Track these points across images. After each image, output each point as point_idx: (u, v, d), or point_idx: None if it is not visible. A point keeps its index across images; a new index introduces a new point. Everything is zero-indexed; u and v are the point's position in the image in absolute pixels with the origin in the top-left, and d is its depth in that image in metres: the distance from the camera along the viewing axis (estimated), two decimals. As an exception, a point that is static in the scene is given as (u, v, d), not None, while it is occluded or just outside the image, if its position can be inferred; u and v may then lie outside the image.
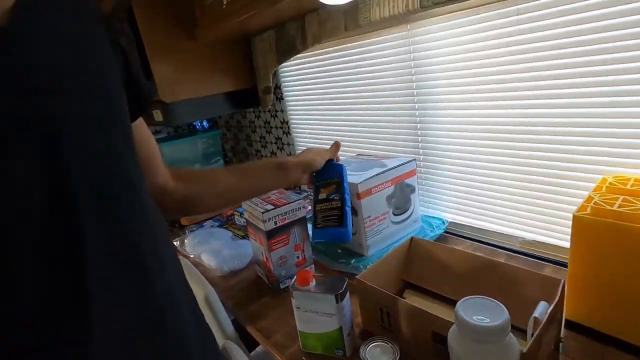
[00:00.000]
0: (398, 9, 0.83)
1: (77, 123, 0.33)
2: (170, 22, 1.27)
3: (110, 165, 0.36)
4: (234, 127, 1.92)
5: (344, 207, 0.74)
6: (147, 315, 0.38)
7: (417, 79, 0.95)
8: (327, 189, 0.77)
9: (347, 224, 0.72)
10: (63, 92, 0.33)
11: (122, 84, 0.42)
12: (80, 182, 0.32)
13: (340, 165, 0.81)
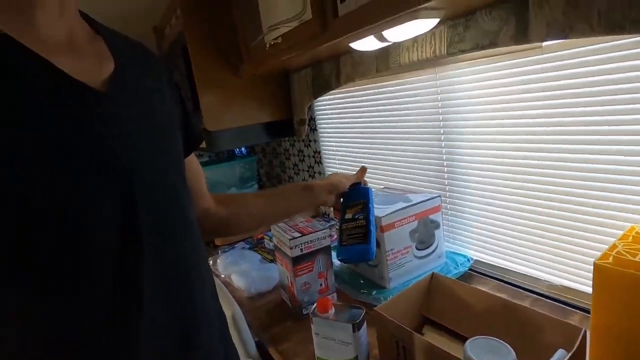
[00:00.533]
0: (426, 54, 0.89)
1: (146, 166, 0.41)
2: (218, 59, 1.41)
3: (168, 197, 0.44)
4: (270, 153, 2.03)
5: (368, 225, 0.75)
6: (184, 330, 0.44)
7: (444, 118, 0.99)
8: (353, 209, 0.80)
9: (370, 241, 0.73)
10: (141, 143, 0.41)
11: (180, 127, 0.51)
12: (145, 212, 0.40)
13: (367, 188, 0.85)
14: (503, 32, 0.73)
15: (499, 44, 0.74)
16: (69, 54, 0.38)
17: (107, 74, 0.40)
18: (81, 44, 0.40)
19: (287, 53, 1.09)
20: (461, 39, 0.81)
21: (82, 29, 0.42)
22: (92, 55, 0.41)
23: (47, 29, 0.36)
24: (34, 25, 0.36)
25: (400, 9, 0.69)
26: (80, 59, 0.39)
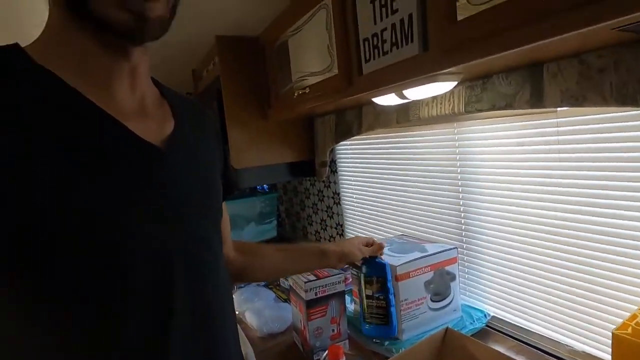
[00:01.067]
0: (445, 110, 0.94)
1: (193, 215, 0.47)
2: (248, 103, 1.51)
3: (206, 242, 0.49)
4: (290, 191, 2.08)
5: (389, 307, 0.87)
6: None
7: (462, 170, 1.01)
8: (373, 286, 0.88)
9: (392, 321, 0.87)
10: (192, 194, 0.47)
11: (220, 176, 0.57)
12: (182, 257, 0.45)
13: (384, 264, 0.88)
14: (519, 96, 0.77)
15: (514, 106, 0.78)
16: (139, 118, 0.45)
17: (168, 133, 0.47)
18: (150, 108, 0.47)
19: (313, 102, 1.16)
20: (478, 100, 0.85)
21: (151, 94, 0.49)
22: (157, 117, 0.48)
23: (122, 98, 0.43)
24: (112, 95, 0.42)
25: (419, 72, 0.74)
26: (147, 121, 0.45)
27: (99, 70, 0.41)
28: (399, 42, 0.76)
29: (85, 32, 0.39)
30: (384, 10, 0.78)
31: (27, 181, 0.34)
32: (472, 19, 0.61)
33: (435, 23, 0.67)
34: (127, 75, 0.44)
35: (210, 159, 0.55)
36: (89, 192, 0.37)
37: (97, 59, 0.41)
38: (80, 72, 0.40)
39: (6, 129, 0.34)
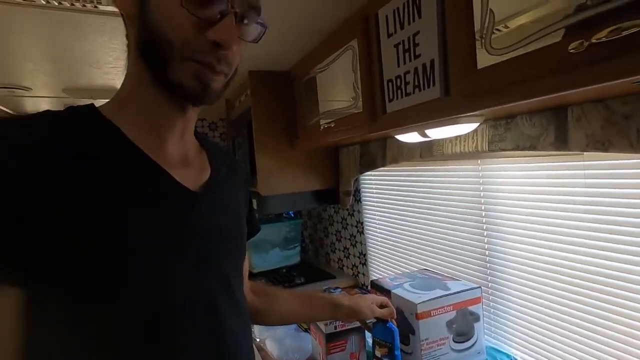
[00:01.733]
0: (468, 148, 0.94)
1: (222, 257, 0.51)
2: (277, 132, 1.58)
3: (232, 279, 0.53)
4: (315, 217, 2.11)
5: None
6: None
7: (486, 208, 1.00)
8: (382, 349, 0.86)
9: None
10: (222, 235, 0.52)
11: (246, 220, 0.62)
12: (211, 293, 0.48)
13: (393, 330, 0.86)
14: (543, 138, 0.77)
15: (539, 148, 0.78)
16: (182, 166, 0.50)
17: (204, 180, 0.53)
18: (191, 157, 0.53)
19: (338, 136, 1.20)
20: (502, 139, 0.85)
21: (193, 145, 0.56)
22: (196, 166, 0.54)
23: (171, 148, 0.49)
24: (164, 145, 0.49)
25: (440, 115, 0.76)
26: (188, 169, 0.51)
27: (159, 124, 0.48)
28: (421, 85, 0.79)
29: (155, 93, 0.46)
30: (407, 54, 0.82)
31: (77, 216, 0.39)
32: (492, 69, 0.63)
33: (456, 70, 0.70)
34: (180, 128, 0.50)
35: (239, 203, 0.61)
36: (132, 230, 0.42)
37: (159, 115, 0.48)
38: (142, 125, 0.47)
39: (74, 173, 0.40)
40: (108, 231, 0.40)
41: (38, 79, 1.42)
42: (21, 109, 1.93)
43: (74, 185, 0.39)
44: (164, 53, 0.42)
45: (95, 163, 0.42)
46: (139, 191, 0.44)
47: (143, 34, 0.43)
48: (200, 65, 0.43)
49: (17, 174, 0.37)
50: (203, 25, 0.42)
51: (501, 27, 0.63)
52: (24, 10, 0.83)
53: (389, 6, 0.86)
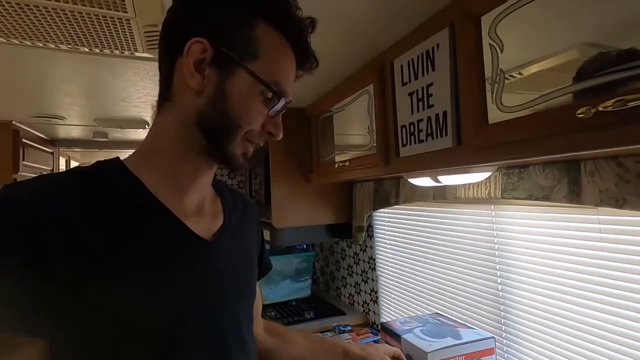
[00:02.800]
0: (481, 194, 0.95)
1: (234, 299, 0.54)
2: (292, 166, 1.62)
3: (241, 319, 0.55)
4: (327, 250, 2.10)
5: None
6: None
7: (500, 254, 0.99)
8: None
9: None
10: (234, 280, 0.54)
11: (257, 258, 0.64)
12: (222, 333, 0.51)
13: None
14: (556, 190, 0.77)
15: (552, 199, 0.78)
16: (197, 215, 0.54)
17: (218, 227, 0.56)
18: (206, 206, 0.57)
19: (352, 175, 1.23)
20: (515, 188, 0.86)
21: (208, 193, 0.59)
22: (210, 213, 0.57)
23: (189, 199, 0.53)
24: (183, 197, 0.52)
25: (453, 164, 0.78)
26: (202, 218, 0.54)
27: (184, 180, 0.52)
28: (434, 133, 0.81)
29: (190, 154, 0.51)
30: (421, 103, 0.85)
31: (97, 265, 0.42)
32: (503, 125, 0.65)
33: (468, 122, 0.72)
34: (202, 182, 0.54)
35: (250, 245, 0.63)
36: (149, 279, 0.45)
37: (188, 172, 0.52)
38: (165, 178, 0.50)
39: (98, 226, 0.43)
40: (126, 279, 0.43)
41: (73, 110, 1.52)
42: (54, 134, 2.05)
43: (97, 237, 0.42)
44: (232, 134, 0.49)
45: (118, 215, 0.45)
46: (157, 241, 0.47)
47: (213, 111, 0.48)
48: (251, 143, 0.51)
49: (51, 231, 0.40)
50: (266, 119, 0.51)
51: (515, 73, 0.66)
52: (68, 55, 0.92)
53: (404, 57, 0.90)
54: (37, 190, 0.42)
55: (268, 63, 0.49)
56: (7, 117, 1.60)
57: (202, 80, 0.47)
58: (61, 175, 0.47)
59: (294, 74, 0.54)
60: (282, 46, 0.51)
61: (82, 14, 0.68)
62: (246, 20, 0.48)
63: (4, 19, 0.68)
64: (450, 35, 0.75)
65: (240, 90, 0.48)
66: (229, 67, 0.47)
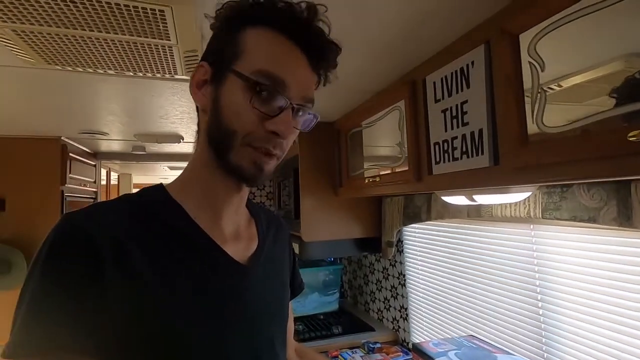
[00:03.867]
0: (520, 213, 0.91)
1: (268, 321, 0.54)
2: (322, 180, 1.62)
3: (275, 341, 0.55)
4: (355, 263, 2.08)
5: None
6: None
7: (540, 277, 0.94)
8: None
9: None
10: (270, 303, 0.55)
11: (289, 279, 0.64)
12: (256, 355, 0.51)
13: None
14: (604, 212, 0.73)
15: (599, 222, 0.73)
16: (233, 239, 0.55)
17: (253, 250, 0.57)
18: (242, 230, 0.58)
19: (383, 190, 1.22)
20: (557, 208, 0.82)
21: (244, 216, 0.60)
22: (246, 237, 0.58)
23: (226, 223, 0.54)
24: (220, 220, 0.53)
25: (489, 184, 0.76)
26: (238, 242, 0.56)
27: (217, 202, 0.53)
28: (469, 151, 0.79)
29: (217, 175, 0.51)
30: (455, 121, 0.84)
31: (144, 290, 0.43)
32: (544, 145, 0.62)
33: (506, 141, 0.70)
34: (235, 205, 0.55)
35: (284, 266, 0.64)
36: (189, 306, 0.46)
37: (218, 194, 0.53)
38: (202, 203, 0.52)
39: (144, 251, 0.45)
40: (172, 306, 0.45)
41: (115, 127, 1.62)
42: (97, 147, 2.17)
43: (145, 264, 0.44)
44: (229, 140, 0.47)
45: (163, 241, 0.47)
46: (197, 264, 0.48)
47: (213, 124, 0.49)
48: (257, 150, 0.48)
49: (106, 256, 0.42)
50: (264, 118, 0.47)
51: (554, 85, 0.63)
52: (114, 79, 0.98)
53: (437, 74, 0.89)
54: (93, 219, 0.45)
55: (252, 55, 0.47)
56: (57, 133, 1.72)
57: (203, 97, 0.50)
58: (112, 204, 0.50)
59: (304, 68, 0.49)
60: (273, 38, 0.47)
61: (129, 43, 0.72)
62: (235, 29, 0.49)
63: (61, 49, 0.74)
64: (485, 52, 0.74)
65: (229, 95, 0.47)
66: (221, 77, 0.48)
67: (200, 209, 0.51)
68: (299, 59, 0.49)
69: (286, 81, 0.47)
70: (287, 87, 0.47)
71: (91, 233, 0.43)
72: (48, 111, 1.34)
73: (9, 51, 0.76)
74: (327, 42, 0.50)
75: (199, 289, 0.47)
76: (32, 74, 0.92)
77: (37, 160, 1.73)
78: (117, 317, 0.42)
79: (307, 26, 0.48)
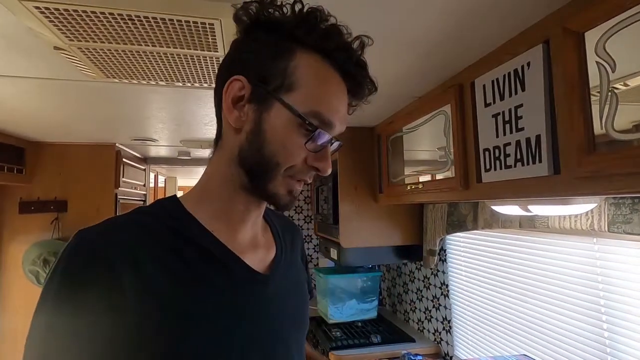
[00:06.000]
0: (582, 225, 0.84)
1: (288, 329, 0.53)
2: (361, 185, 1.60)
3: (293, 348, 0.54)
4: (394, 270, 2.03)
5: None
6: None
7: (605, 296, 0.85)
8: None
9: None
10: (287, 312, 0.54)
11: None
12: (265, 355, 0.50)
13: None
14: (685, 227, 0.65)
15: (680, 238, 0.65)
16: (252, 249, 0.54)
17: (271, 258, 0.56)
18: (259, 238, 0.57)
19: (426, 198, 1.18)
20: (627, 221, 0.74)
21: (261, 225, 0.59)
22: (263, 245, 0.57)
23: (243, 234, 0.53)
24: (237, 233, 0.52)
25: (548, 194, 0.70)
26: (257, 251, 0.55)
27: (235, 217, 0.52)
28: (524, 159, 0.74)
29: (238, 193, 0.51)
30: (508, 126, 0.78)
31: (161, 303, 0.43)
32: (615, 153, 0.56)
33: (569, 148, 0.64)
34: (252, 218, 0.54)
35: (301, 272, 0.63)
36: (210, 321, 0.45)
37: (238, 210, 0.52)
38: (218, 217, 0.51)
39: (159, 264, 0.44)
40: (190, 321, 0.44)
41: (163, 134, 1.70)
42: (146, 153, 2.30)
43: (162, 278, 0.44)
44: (271, 172, 0.47)
45: (180, 254, 0.46)
46: (216, 277, 0.47)
47: (251, 149, 0.47)
48: (295, 181, 0.48)
49: (122, 273, 0.41)
50: (308, 154, 0.47)
51: (620, 84, 0.57)
52: (164, 90, 1.03)
53: (487, 76, 0.84)
54: (107, 235, 0.44)
55: (306, 93, 0.46)
56: (112, 140, 1.85)
57: (240, 118, 0.47)
58: (125, 218, 0.49)
59: (345, 103, 0.49)
60: (325, 73, 0.47)
61: (179, 56, 0.76)
62: (283, 50, 0.46)
63: (119, 64, 0.79)
64: (544, 52, 0.69)
65: (276, 125, 0.46)
66: (266, 102, 0.46)
67: (216, 221, 0.50)
68: (344, 96, 0.49)
69: (333, 122, 0.47)
70: (333, 126, 0.47)
71: (107, 255, 0.42)
72: (105, 120, 1.44)
73: (73, 67, 0.82)
74: (369, 80, 0.50)
75: (218, 302, 0.46)
76: (92, 86, 0.99)
77: (95, 165, 1.86)
78: (137, 338, 0.41)
79: (357, 61, 0.48)
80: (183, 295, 0.44)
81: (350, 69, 0.48)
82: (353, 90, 0.50)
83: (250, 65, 0.48)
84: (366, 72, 0.49)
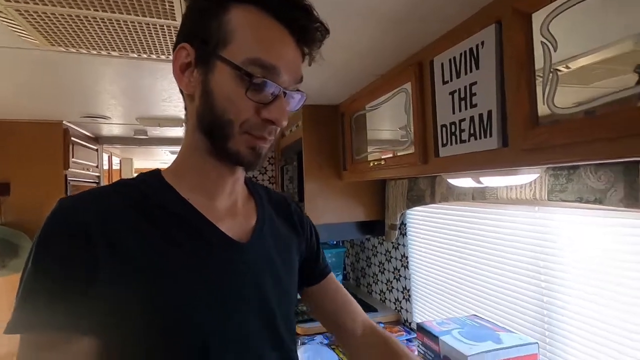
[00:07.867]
0: (525, 195, 0.92)
1: (270, 297, 0.54)
2: (325, 163, 1.62)
3: (280, 316, 0.55)
4: (357, 246, 2.10)
5: None
6: None
7: (544, 258, 0.95)
8: None
9: None
10: (267, 280, 0.54)
11: (313, 258, 0.66)
12: (263, 331, 0.52)
13: None
14: (611, 193, 0.73)
15: (605, 203, 0.74)
16: (229, 217, 0.55)
17: (251, 226, 0.56)
18: (239, 207, 0.57)
19: (388, 174, 1.22)
20: (563, 189, 0.82)
21: (242, 194, 0.59)
22: (243, 214, 0.57)
23: (220, 202, 0.54)
24: (214, 200, 0.53)
25: (497, 165, 0.76)
26: (235, 219, 0.55)
27: (210, 185, 0.53)
28: (477, 133, 0.79)
29: (208, 159, 0.51)
30: (463, 102, 0.83)
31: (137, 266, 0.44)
32: (555, 127, 0.62)
33: (516, 123, 0.70)
34: (229, 186, 0.55)
35: (290, 241, 0.63)
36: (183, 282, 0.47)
37: (211, 177, 0.53)
38: (194, 186, 0.52)
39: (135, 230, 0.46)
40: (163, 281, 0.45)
41: (117, 111, 1.60)
42: (98, 132, 2.17)
43: (137, 242, 0.45)
44: (226, 130, 0.47)
45: (155, 221, 0.47)
46: (190, 242, 0.49)
47: (205, 112, 0.48)
48: (254, 137, 0.48)
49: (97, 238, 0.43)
50: (259, 106, 0.47)
51: (562, 67, 0.63)
52: (118, 61, 0.96)
53: (445, 55, 0.88)
54: (87, 204, 0.46)
55: (241, 43, 0.46)
56: (58, 117, 1.71)
57: (190, 84, 0.48)
58: (105, 189, 0.50)
59: (292, 49, 0.48)
60: (259, 20, 0.46)
61: (134, 23, 0.71)
62: (217, 8, 0.47)
63: (65, 30, 0.73)
64: (497, 32, 0.73)
65: (220, 82, 0.46)
66: (209, 62, 0.47)
67: (193, 191, 0.52)
68: (287, 41, 0.48)
69: (277, 67, 0.46)
70: (279, 73, 0.47)
71: (84, 219, 0.44)
72: (50, 94, 1.33)
73: (11, 32, 0.75)
74: (316, 23, 0.49)
75: (192, 266, 0.48)
76: (35, 55, 0.91)
77: (40, 145, 1.72)
78: (111, 299, 0.43)
79: (295, 4, 0.48)
80: (156, 258, 0.46)
81: (288, 12, 0.47)
82: (299, 36, 0.49)
83: (192, 30, 0.49)
84: (310, 14, 0.48)
